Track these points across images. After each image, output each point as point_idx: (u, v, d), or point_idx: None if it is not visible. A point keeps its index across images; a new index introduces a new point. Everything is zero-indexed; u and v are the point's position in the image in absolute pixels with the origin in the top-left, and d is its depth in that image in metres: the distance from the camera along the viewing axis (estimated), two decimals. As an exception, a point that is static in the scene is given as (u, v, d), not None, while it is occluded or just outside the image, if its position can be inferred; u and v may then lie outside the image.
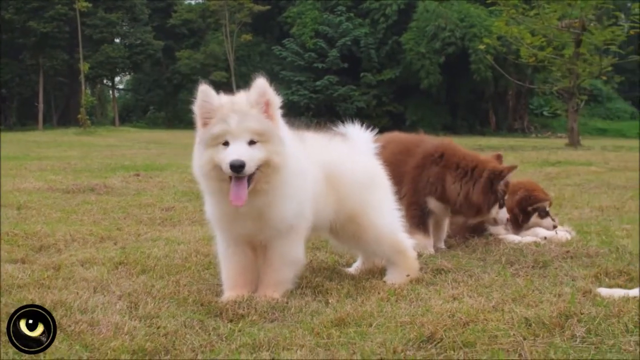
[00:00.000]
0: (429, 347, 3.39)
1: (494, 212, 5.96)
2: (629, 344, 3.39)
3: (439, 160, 6.00)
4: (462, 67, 48.11)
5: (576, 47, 26.87)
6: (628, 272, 5.00)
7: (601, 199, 9.42)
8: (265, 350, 3.42)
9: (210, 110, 4.15)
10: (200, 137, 4.18)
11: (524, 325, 3.66)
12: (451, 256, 5.62)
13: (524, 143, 31.58)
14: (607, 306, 3.95)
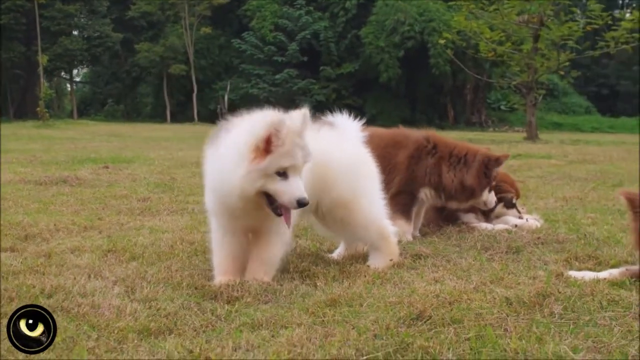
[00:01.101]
0: (419, 324, 3.62)
1: (485, 196, 6.30)
2: (604, 319, 3.67)
3: (433, 151, 6.30)
4: (421, 61, 48.57)
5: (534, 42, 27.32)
6: (596, 257, 5.31)
7: (564, 190, 9.75)
8: (264, 328, 3.61)
9: (279, 141, 4.11)
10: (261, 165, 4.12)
11: (505, 304, 3.92)
12: (428, 242, 5.88)
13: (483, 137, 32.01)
14: (580, 287, 4.24)
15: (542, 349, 3.21)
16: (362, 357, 3.16)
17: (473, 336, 3.40)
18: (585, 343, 3.30)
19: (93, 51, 58.29)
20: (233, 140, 4.20)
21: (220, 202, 4.40)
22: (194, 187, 9.64)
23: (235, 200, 4.22)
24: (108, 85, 63.21)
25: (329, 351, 3.19)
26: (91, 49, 58.12)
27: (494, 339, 3.34)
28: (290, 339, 3.35)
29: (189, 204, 8.15)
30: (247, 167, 4.11)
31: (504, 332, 3.47)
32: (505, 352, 3.20)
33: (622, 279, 4.48)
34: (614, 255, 5.35)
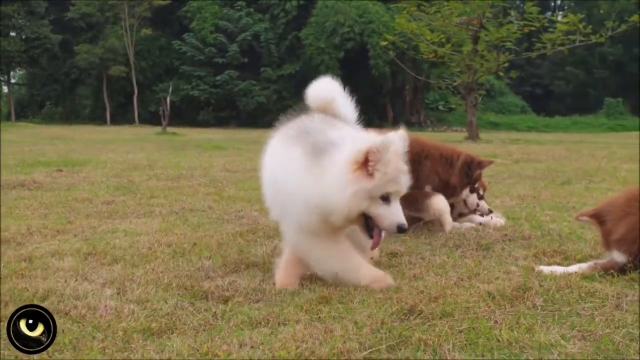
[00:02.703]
0: (412, 318, 3.79)
1: (465, 194, 6.61)
2: (585, 309, 3.90)
3: (428, 154, 6.67)
4: (361, 62, 48.93)
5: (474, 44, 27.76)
6: (562, 252, 5.55)
7: (517, 189, 10.03)
8: (263, 326, 3.73)
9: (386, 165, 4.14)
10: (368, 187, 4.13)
11: (489, 298, 4.12)
12: (401, 241, 6.06)
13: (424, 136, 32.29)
14: (556, 280, 4.48)
15: (532, 339, 3.42)
16: (365, 350, 3.31)
17: (466, 328, 3.59)
18: (571, 332, 3.52)
19: (31, 53, 57.33)
20: (338, 159, 4.16)
21: (318, 218, 4.30)
22: (154, 190, 9.70)
23: (337, 219, 4.23)
24: (46, 87, 62.19)
25: (333, 345, 3.34)
26: (29, 51, 57.17)
27: (487, 330, 3.54)
28: (294, 335, 3.48)
29: (154, 206, 8.19)
30: (355, 188, 4.10)
31: (494, 323, 3.67)
32: (499, 343, 3.40)
33: (592, 273, 4.73)
34: (579, 250, 5.60)
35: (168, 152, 18.59)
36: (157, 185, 10.32)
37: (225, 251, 5.62)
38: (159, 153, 18.11)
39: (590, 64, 65.21)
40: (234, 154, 18.03)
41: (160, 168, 13.24)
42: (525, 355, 3.22)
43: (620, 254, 4.75)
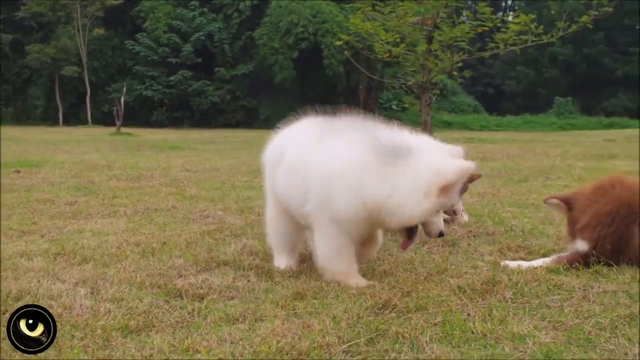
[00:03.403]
0: (387, 312, 3.88)
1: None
2: (553, 301, 4.03)
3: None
4: (315, 62, 49.02)
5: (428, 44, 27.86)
6: (526, 247, 5.71)
7: (477, 186, 10.14)
8: (240, 322, 3.77)
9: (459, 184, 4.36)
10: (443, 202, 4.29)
11: (460, 292, 4.23)
12: (367, 238, 6.15)
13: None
14: (524, 274, 4.60)
15: (506, 330, 3.53)
16: (344, 344, 3.38)
17: (441, 321, 3.68)
18: (542, 323, 3.64)
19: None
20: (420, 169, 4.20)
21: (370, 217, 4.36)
22: (116, 190, 9.67)
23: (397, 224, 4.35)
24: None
25: (313, 340, 3.40)
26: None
27: (461, 323, 3.63)
28: (273, 331, 3.54)
29: (117, 206, 8.16)
30: (433, 204, 4.23)
31: (467, 316, 3.77)
32: (474, 334, 3.50)
33: (557, 266, 4.87)
34: (543, 245, 5.76)
35: (124, 153, 18.49)
36: (118, 186, 10.28)
37: (195, 250, 5.64)
38: (115, 153, 18.00)
39: (541, 64, 66.10)
40: (191, 154, 18.01)
41: (119, 168, 13.18)
42: (501, 346, 3.32)
43: (583, 242, 4.93)
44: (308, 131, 4.82)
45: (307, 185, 4.56)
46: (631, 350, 3.20)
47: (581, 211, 5.08)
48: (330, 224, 4.48)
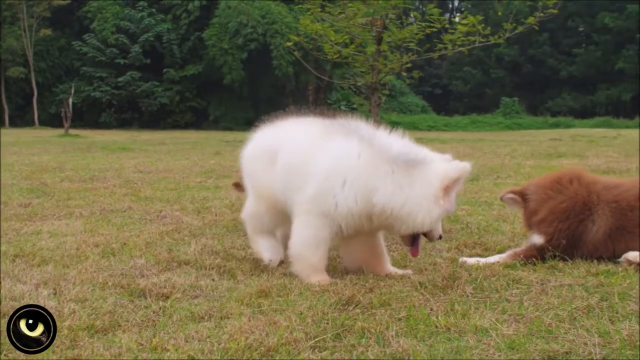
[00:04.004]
0: (351, 308, 3.94)
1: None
2: (513, 295, 4.14)
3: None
4: (264, 62, 49.00)
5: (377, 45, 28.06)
6: (482, 244, 5.83)
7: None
8: (206, 320, 3.80)
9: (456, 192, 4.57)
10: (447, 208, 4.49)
11: (421, 288, 4.32)
12: (327, 237, 6.20)
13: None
14: (482, 270, 4.71)
15: (469, 323, 3.61)
16: (311, 340, 3.43)
17: (405, 316, 3.76)
18: (504, 316, 3.74)
19: None
20: (431, 179, 4.40)
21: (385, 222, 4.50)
22: (70, 192, 9.59)
23: (407, 230, 4.51)
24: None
25: (281, 336, 3.45)
26: None
27: (425, 317, 3.71)
28: (240, 328, 3.57)
29: (73, 208, 8.09)
30: (441, 210, 4.44)
31: (430, 311, 3.85)
32: (438, 328, 3.58)
33: (514, 262, 4.99)
34: (499, 242, 5.88)
35: (74, 154, 18.30)
36: (72, 187, 10.19)
37: (155, 250, 5.64)
38: (65, 155, 17.81)
39: (487, 65, 66.88)
40: (143, 155, 17.90)
41: (71, 170, 13.05)
42: (465, 339, 3.41)
43: (539, 236, 5.08)
44: (310, 129, 4.87)
45: (306, 180, 4.60)
46: (590, 341, 3.30)
47: (539, 204, 5.24)
48: (317, 217, 4.54)
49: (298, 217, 4.67)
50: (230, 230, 6.69)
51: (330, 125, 4.80)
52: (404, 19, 27.49)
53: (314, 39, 30.07)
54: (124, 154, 18.70)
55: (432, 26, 26.03)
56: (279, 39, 46.71)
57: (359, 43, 29.14)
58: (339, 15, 27.74)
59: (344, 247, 5.01)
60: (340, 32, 28.30)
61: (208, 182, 11.20)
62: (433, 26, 25.96)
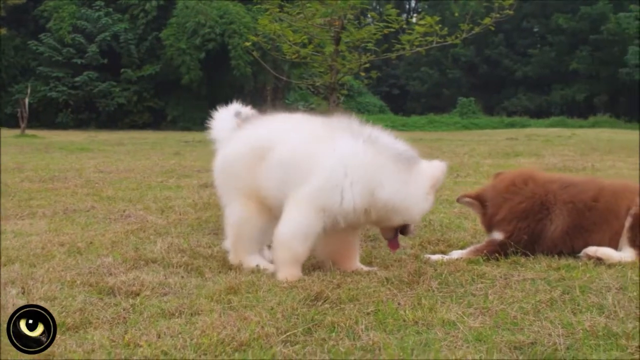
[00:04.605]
0: (320, 303, 4.01)
1: None
2: (478, 289, 4.24)
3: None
4: (223, 63, 48.79)
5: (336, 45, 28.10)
6: (445, 240, 5.95)
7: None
8: (177, 317, 3.84)
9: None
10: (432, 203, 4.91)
11: (388, 283, 4.41)
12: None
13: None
14: (446, 265, 4.81)
15: (436, 317, 3.71)
16: (282, 334, 3.50)
17: (373, 310, 3.85)
18: (470, 310, 3.84)
19: None
20: (423, 176, 4.77)
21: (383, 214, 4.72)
22: (31, 192, 9.51)
23: (398, 221, 4.80)
24: None
25: (252, 331, 3.51)
26: None
27: (393, 311, 3.80)
28: (211, 324, 3.62)
29: (35, 208, 8.03)
30: (429, 205, 4.84)
31: (398, 305, 3.94)
32: (406, 322, 3.67)
33: (476, 257, 5.10)
34: (461, 238, 6.01)
35: (33, 155, 18.10)
36: (32, 187, 10.11)
37: (122, 249, 5.66)
38: (23, 156, 17.61)
39: (444, 65, 67.35)
40: (102, 156, 17.79)
41: (31, 170, 12.94)
42: (434, 331, 3.50)
43: (500, 233, 5.21)
44: (306, 127, 5.00)
45: (309, 175, 4.68)
46: (554, 332, 3.41)
47: (497, 207, 5.38)
48: (315, 210, 4.61)
49: (294, 207, 4.69)
50: (195, 229, 6.72)
51: (331, 123, 4.94)
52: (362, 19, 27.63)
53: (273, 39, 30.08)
54: (83, 154, 18.56)
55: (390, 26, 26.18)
56: (237, 39, 46.56)
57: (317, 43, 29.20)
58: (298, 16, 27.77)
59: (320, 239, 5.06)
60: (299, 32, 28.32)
61: (169, 181, 11.20)
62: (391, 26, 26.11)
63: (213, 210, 7.80)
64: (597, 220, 5.23)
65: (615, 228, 5.19)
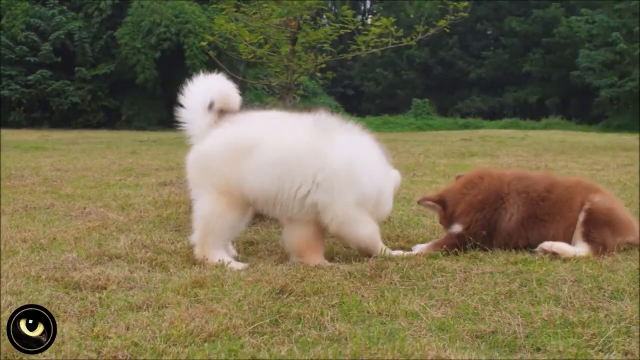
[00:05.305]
0: (285, 296, 4.10)
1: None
2: (438, 282, 4.36)
3: None
4: (177, 62, 48.53)
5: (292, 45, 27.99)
6: (405, 237, 6.08)
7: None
8: (144, 310, 3.89)
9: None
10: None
11: (351, 277, 4.51)
12: (254, 231, 6.34)
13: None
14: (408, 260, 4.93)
15: (399, 308, 3.82)
16: (249, 326, 3.58)
17: (338, 303, 3.94)
18: (431, 301, 3.96)
19: None
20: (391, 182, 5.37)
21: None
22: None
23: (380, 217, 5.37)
24: None
25: (220, 322, 3.58)
26: None
27: (357, 304, 3.90)
28: (179, 316, 3.69)
29: (-9, 206, 8.02)
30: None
31: (361, 297, 4.05)
32: (370, 313, 3.77)
33: (435, 252, 5.23)
34: (420, 234, 6.15)
35: (-14, 153, 17.91)
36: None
37: (85, 244, 5.68)
38: (-24, 154, 17.42)
39: (399, 66, 67.73)
40: (58, 155, 17.63)
41: (-15, 169, 12.81)
42: (398, 322, 3.60)
43: (458, 225, 5.38)
44: (297, 124, 5.17)
45: (313, 175, 4.93)
46: (514, 321, 3.54)
47: (455, 204, 5.53)
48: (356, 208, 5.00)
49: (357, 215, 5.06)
50: (157, 226, 6.76)
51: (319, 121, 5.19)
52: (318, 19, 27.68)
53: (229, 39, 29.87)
54: (38, 153, 18.38)
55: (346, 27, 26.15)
56: (192, 39, 46.35)
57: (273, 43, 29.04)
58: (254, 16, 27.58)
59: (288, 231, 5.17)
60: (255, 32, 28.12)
61: (128, 180, 11.18)
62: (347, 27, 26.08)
63: (173, 208, 7.85)
64: (551, 211, 5.41)
65: (569, 220, 5.36)
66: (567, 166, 13.94)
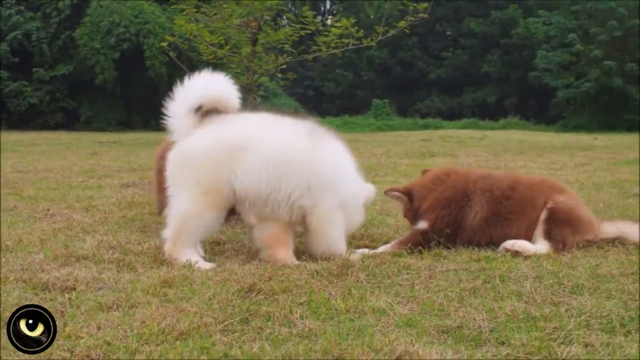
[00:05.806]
0: (254, 295, 4.16)
1: None
2: (404, 280, 4.47)
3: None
4: (137, 63, 48.22)
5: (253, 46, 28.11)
6: (369, 236, 6.17)
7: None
8: (114, 310, 3.92)
9: None
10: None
11: (318, 276, 4.59)
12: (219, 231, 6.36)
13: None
14: (373, 258, 5.02)
15: (366, 305, 3.90)
16: (220, 324, 3.64)
17: (306, 300, 4.02)
18: (398, 298, 4.05)
19: None
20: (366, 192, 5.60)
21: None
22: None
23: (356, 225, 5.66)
24: None
25: (191, 321, 3.63)
26: None
27: (325, 301, 3.98)
28: (150, 315, 3.73)
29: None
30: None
31: (329, 295, 4.12)
32: (338, 310, 3.85)
33: (400, 250, 5.32)
34: (385, 234, 6.24)
35: (-57, 155, 17.69)
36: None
37: (51, 246, 5.67)
38: None
39: (359, 67, 67.94)
40: (17, 156, 17.46)
41: (-56, 170, 12.67)
42: (366, 318, 3.69)
43: (424, 222, 5.48)
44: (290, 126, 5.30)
45: (307, 180, 5.07)
46: (478, 316, 3.65)
47: (422, 199, 5.63)
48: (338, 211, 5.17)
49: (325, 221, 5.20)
50: (122, 227, 6.78)
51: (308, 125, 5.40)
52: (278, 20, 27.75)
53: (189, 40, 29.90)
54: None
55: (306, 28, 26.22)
56: (152, 39, 46.10)
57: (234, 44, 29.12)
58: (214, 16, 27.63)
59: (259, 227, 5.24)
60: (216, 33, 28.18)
61: (90, 181, 11.14)
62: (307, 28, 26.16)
63: (138, 209, 7.87)
64: (514, 209, 5.55)
65: (532, 218, 5.50)
66: (526, 166, 14.17)
